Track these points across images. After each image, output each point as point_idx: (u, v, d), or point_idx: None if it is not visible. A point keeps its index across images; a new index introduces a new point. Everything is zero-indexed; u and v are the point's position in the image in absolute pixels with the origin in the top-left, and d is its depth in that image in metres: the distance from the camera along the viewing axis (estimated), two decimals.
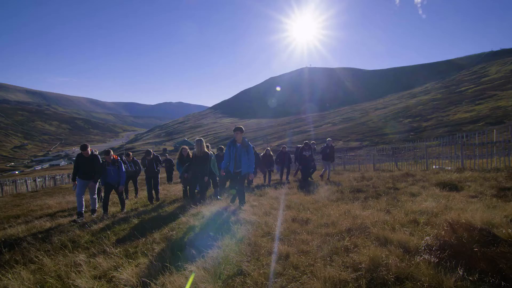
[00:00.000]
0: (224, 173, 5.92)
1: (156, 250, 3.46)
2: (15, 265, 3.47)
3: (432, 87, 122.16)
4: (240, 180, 5.82)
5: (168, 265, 2.72)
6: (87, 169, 6.37)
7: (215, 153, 9.73)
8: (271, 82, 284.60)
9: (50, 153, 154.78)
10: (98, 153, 7.33)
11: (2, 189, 17.29)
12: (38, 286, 2.82)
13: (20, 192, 18.18)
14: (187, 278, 2.46)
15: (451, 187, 6.45)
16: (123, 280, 2.58)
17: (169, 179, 15.24)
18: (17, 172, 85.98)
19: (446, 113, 66.43)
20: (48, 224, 5.81)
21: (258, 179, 12.47)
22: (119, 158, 6.94)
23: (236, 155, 5.74)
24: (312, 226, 3.81)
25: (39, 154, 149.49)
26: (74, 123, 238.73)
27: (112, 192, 7.06)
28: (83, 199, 6.42)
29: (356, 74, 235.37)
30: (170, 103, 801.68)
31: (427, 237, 2.79)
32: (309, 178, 10.88)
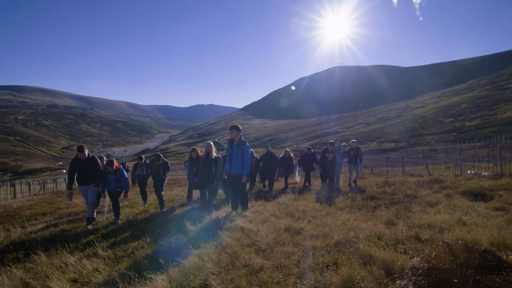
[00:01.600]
0: (226, 176, 5.70)
1: (140, 255, 3.47)
2: (16, 263, 3.68)
3: (477, 83, 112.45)
4: (240, 184, 5.61)
5: (134, 273, 2.69)
6: (85, 173, 5.89)
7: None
8: (301, 82, 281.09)
9: (93, 153, 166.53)
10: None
11: (44, 187, 18.86)
12: (20, 286, 2.94)
13: (59, 190, 19.70)
14: None
15: (479, 196, 5.79)
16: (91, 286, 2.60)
17: None
18: (64, 171, 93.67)
19: (493, 112, 60.79)
20: (65, 225, 6.13)
21: (278, 184, 12.18)
22: (121, 166, 6.57)
23: (231, 155, 5.56)
24: (301, 237, 3.59)
25: None
26: (114, 125, 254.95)
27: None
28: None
29: (390, 71, 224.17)
30: (202, 105, 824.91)
31: (416, 258, 2.46)
32: (330, 183, 10.09)
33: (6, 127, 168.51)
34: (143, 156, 9.50)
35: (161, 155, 8.04)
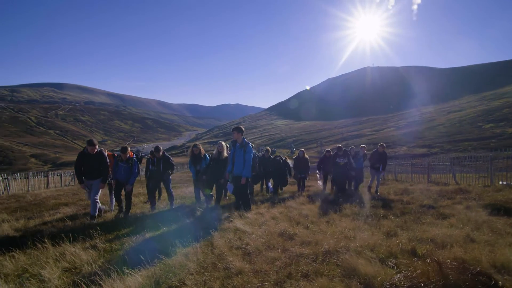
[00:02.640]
0: (228, 177, 5.74)
1: (132, 250, 3.56)
2: (25, 249, 3.91)
3: None
4: (242, 184, 5.58)
5: (115, 267, 2.77)
6: (92, 168, 5.70)
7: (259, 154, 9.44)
8: (329, 83, 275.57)
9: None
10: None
11: (74, 178, 20.08)
12: (19, 271, 3.13)
13: None
14: (124, 283, 2.46)
15: (503, 210, 5.31)
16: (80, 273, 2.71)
17: None
18: None
19: None
20: (81, 218, 6.40)
21: (291, 187, 11.97)
22: (134, 156, 6.39)
23: (234, 156, 5.57)
24: (293, 243, 3.49)
25: (116, 149, 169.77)
26: (144, 122, 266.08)
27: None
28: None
29: (425, 73, 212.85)
30: (229, 104, 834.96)
31: (399, 275, 2.28)
32: (344, 188, 9.44)
33: (47, 121, 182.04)
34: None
35: (161, 147, 7.25)
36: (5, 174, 14.85)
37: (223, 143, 7.30)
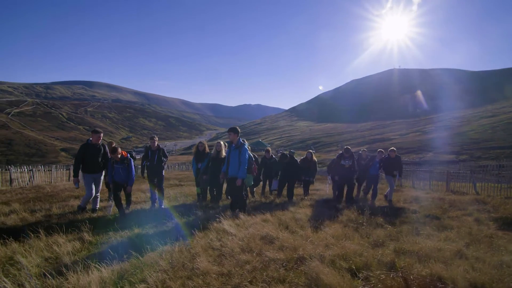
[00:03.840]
0: (222, 177, 5.74)
1: (111, 246, 3.63)
2: (21, 238, 4.11)
3: None
4: (236, 186, 5.54)
5: (85, 260, 2.83)
6: (96, 160, 5.56)
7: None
8: (353, 85, 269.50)
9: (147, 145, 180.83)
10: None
11: None
12: (6, 258, 3.28)
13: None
14: (88, 276, 2.51)
15: None
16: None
17: None
18: None
19: None
20: (86, 213, 6.59)
21: (295, 190, 11.69)
22: (128, 155, 6.07)
23: (229, 156, 5.56)
24: (271, 247, 3.41)
25: (139, 145, 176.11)
26: (167, 120, 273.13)
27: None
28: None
29: (456, 76, 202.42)
30: (249, 105, 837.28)
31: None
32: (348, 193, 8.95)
33: (77, 117, 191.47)
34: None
35: (155, 137, 6.92)
36: (30, 166, 15.80)
37: (221, 142, 7.29)
